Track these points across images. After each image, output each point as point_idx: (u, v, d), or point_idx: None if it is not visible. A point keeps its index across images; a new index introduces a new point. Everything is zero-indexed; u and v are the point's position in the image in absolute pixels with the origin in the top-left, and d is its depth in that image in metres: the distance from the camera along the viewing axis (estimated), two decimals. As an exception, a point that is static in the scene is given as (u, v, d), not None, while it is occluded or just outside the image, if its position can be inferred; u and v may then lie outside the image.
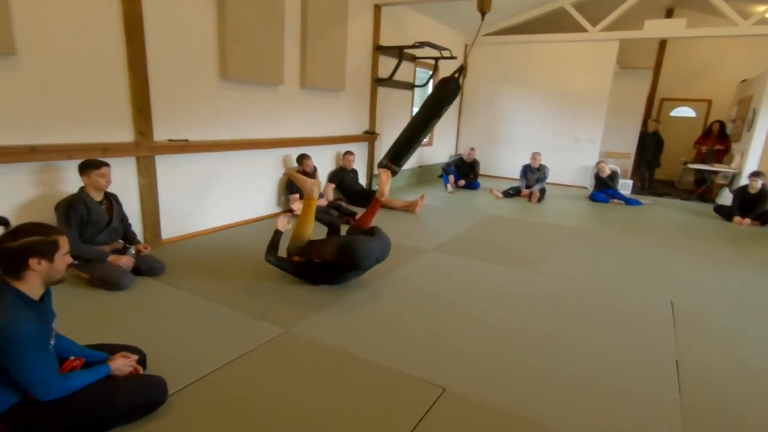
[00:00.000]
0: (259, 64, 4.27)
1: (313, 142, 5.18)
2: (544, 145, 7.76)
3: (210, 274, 3.19)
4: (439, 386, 2.02)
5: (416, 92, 7.39)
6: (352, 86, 5.72)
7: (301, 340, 2.37)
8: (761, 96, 6.55)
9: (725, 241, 4.81)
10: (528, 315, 2.77)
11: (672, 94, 9.39)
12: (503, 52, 8.12)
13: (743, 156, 6.78)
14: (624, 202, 6.51)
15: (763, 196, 5.48)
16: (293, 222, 3.22)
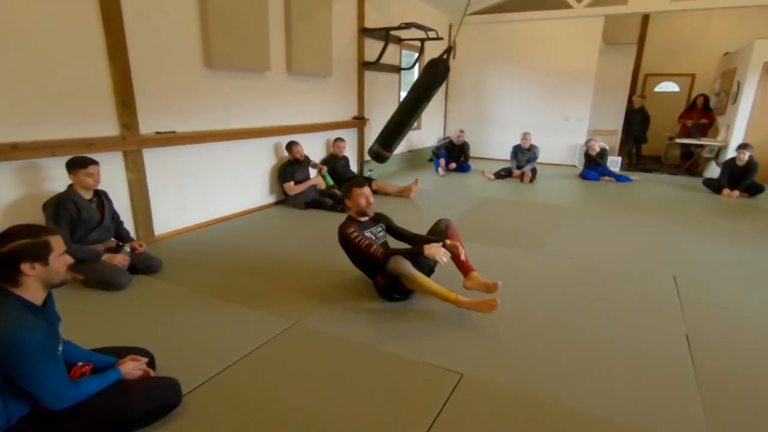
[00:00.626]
0: (244, 51, 4.13)
1: (302, 129, 5.06)
2: (533, 125, 7.75)
3: (209, 269, 3.10)
4: (456, 372, 2.00)
5: (403, 75, 7.28)
6: (339, 71, 5.59)
7: (312, 332, 2.32)
8: (745, 68, 6.61)
9: (717, 214, 4.88)
10: (536, 296, 2.75)
11: (656, 70, 9.44)
12: (488, 32, 8.03)
13: (729, 129, 6.86)
14: (614, 179, 6.55)
15: (751, 168, 5.56)
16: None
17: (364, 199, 2.70)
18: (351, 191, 2.71)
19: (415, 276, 2.41)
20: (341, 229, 2.66)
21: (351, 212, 2.77)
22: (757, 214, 4.87)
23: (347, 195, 2.75)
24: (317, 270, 3.12)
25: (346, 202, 2.78)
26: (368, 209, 2.72)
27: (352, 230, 2.60)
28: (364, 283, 2.90)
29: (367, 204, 2.71)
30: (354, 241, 2.58)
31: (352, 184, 2.75)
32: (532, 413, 1.76)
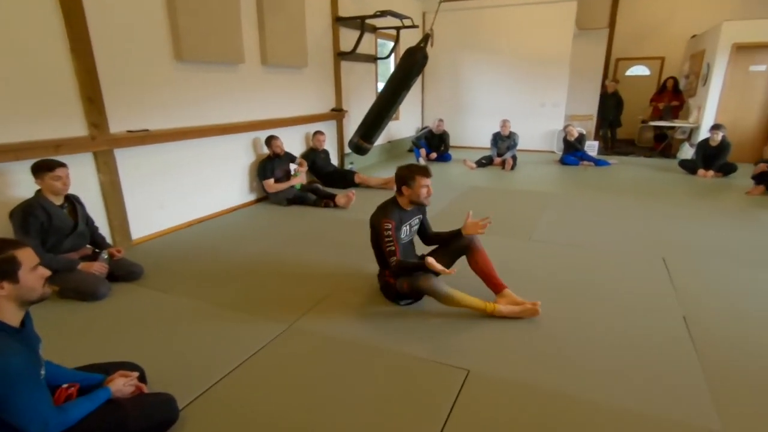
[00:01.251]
0: (216, 42, 3.95)
1: (280, 123, 4.91)
2: (510, 112, 7.77)
3: (193, 274, 2.96)
4: (462, 368, 1.95)
5: (379, 65, 7.15)
6: (314, 62, 5.44)
7: (308, 334, 2.23)
8: (714, 50, 6.76)
9: (694, 195, 4.98)
10: (532, 285, 2.72)
11: (626, 54, 9.56)
12: (462, 19, 7.96)
13: (700, 110, 7.02)
14: (593, 164, 6.63)
15: (724, 148, 5.70)
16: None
17: (426, 191, 2.39)
18: (414, 178, 2.35)
19: (451, 295, 2.30)
20: (380, 214, 2.40)
21: (401, 198, 2.45)
22: (732, 194, 4.99)
23: (406, 180, 2.37)
24: (306, 269, 3.01)
25: (402, 188, 2.40)
26: (426, 201, 2.44)
27: (388, 226, 2.33)
28: (357, 280, 2.83)
29: (428, 195, 2.42)
30: (383, 236, 2.35)
31: (418, 171, 2.37)
32: (543, 405, 1.73)
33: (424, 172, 2.39)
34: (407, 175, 2.39)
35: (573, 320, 2.34)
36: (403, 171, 2.43)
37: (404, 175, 2.41)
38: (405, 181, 2.40)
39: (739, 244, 3.42)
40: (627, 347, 2.10)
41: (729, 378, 1.88)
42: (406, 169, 2.43)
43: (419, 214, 2.61)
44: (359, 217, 4.14)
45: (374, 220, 2.44)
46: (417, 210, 2.58)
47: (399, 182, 2.43)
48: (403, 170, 2.43)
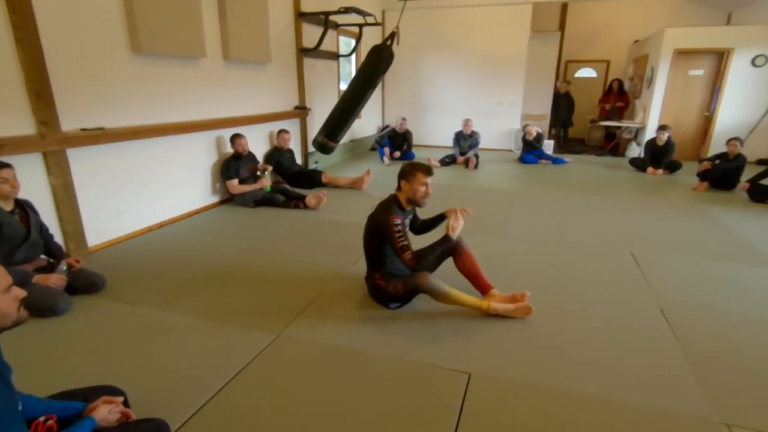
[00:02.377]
0: (176, 34, 3.71)
1: (243, 121, 4.70)
2: (470, 111, 7.89)
3: (162, 283, 2.76)
4: (463, 372, 1.92)
5: (341, 62, 7.04)
6: (277, 58, 5.26)
7: (300, 343, 2.13)
8: (657, 54, 7.19)
9: (647, 191, 5.27)
10: (515, 283, 2.74)
11: (575, 56, 10.02)
12: (423, 18, 7.99)
13: (645, 111, 7.45)
14: (551, 162, 6.87)
15: (670, 148, 6.07)
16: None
17: (425, 189, 2.34)
18: (415, 175, 2.31)
19: (448, 292, 2.27)
20: (385, 211, 2.32)
21: (400, 194, 2.40)
22: (680, 190, 5.32)
23: (407, 176, 2.33)
24: (286, 274, 2.89)
25: (401, 183, 2.36)
26: (423, 201, 2.40)
27: (398, 222, 2.28)
28: (342, 283, 2.74)
29: (425, 195, 2.37)
30: (393, 232, 2.27)
31: (421, 168, 2.33)
32: (547, 403, 1.73)
33: (425, 170, 2.35)
34: (408, 171, 2.36)
35: (561, 317, 2.38)
36: (407, 167, 2.40)
37: (406, 170, 2.37)
38: (405, 175, 2.37)
39: (695, 237, 3.64)
40: (614, 341, 2.16)
41: (712, 365, 1.97)
42: (410, 165, 2.40)
43: (412, 213, 2.57)
44: (332, 218, 4.05)
45: (380, 218, 2.35)
46: (412, 210, 2.54)
47: (400, 177, 2.40)
48: (407, 166, 2.40)
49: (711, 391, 1.81)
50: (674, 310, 2.46)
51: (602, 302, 2.56)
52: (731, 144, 5.18)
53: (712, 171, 5.20)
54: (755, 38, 6.62)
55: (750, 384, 1.85)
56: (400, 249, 2.29)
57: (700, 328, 2.27)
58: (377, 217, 2.37)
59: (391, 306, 2.44)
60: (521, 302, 2.37)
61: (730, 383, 1.86)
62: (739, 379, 1.89)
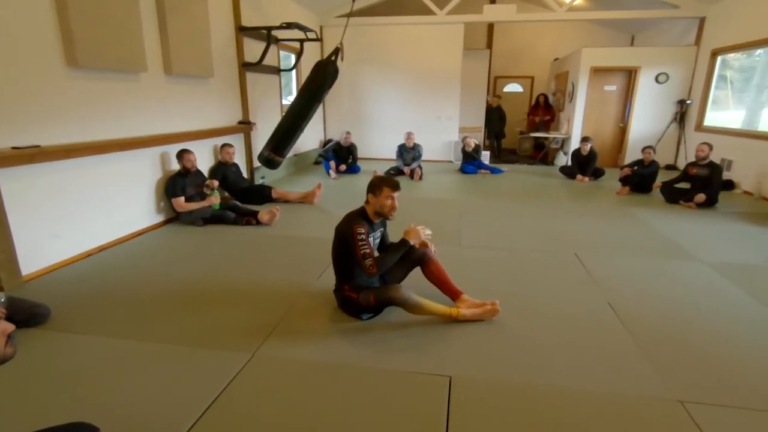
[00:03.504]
0: (116, 47, 3.53)
1: (187, 137, 4.52)
2: (410, 124, 8.14)
3: (112, 309, 2.58)
4: (444, 375, 1.99)
5: (282, 77, 6.99)
6: (220, 72, 5.13)
7: (278, 360, 2.09)
8: (577, 71, 7.87)
9: (577, 197, 5.72)
10: (479, 288, 2.86)
11: (503, 72, 10.68)
12: (362, 34, 8.15)
13: (569, 122, 8.10)
14: (490, 171, 7.24)
15: (593, 157, 6.64)
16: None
17: (391, 202, 2.40)
18: (382, 189, 2.37)
19: (420, 303, 2.34)
20: (351, 221, 2.37)
21: (368, 206, 2.45)
22: (606, 194, 5.84)
23: (373, 189, 2.39)
24: (249, 293, 2.82)
25: (368, 196, 2.42)
26: (390, 214, 2.44)
27: (362, 231, 2.33)
28: (309, 298, 2.73)
29: (392, 209, 2.42)
30: (357, 241, 2.31)
31: (388, 182, 2.39)
32: (524, 398, 1.84)
33: (392, 184, 2.42)
34: (376, 185, 2.41)
35: (524, 315, 2.53)
36: (375, 180, 2.45)
37: (374, 183, 2.43)
38: (372, 189, 2.42)
39: (626, 237, 4.01)
40: (573, 335, 2.34)
41: (660, 349, 2.20)
42: (378, 179, 2.46)
43: (382, 227, 2.62)
44: (287, 234, 4.01)
45: (343, 228, 2.39)
46: (381, 224, 2.59)
47: (368, 190, 2.45)
48: (375, 179, 2.46)
49: (662, 372, 2.02)
50: (619, 303, 2.71)
51: (557, 299, 2.76)
52: (646, 152, 5.78)
53: (632, 176, 5.76)
54: (657, 58, 7.46)
55: (695, 363, 2.09)
56: (361, 257, 2.33)
57: (644, 317, 2.52)
58: (342, 228, 2.41)
59: (363, 317, 2.47)
60: (488, 305, 2.49)
61: (677, 364, 2.09)
62: (684, 359, 2.12)
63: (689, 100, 7.34)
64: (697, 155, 5.11)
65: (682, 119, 7.44)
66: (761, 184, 5.53)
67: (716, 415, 1.75)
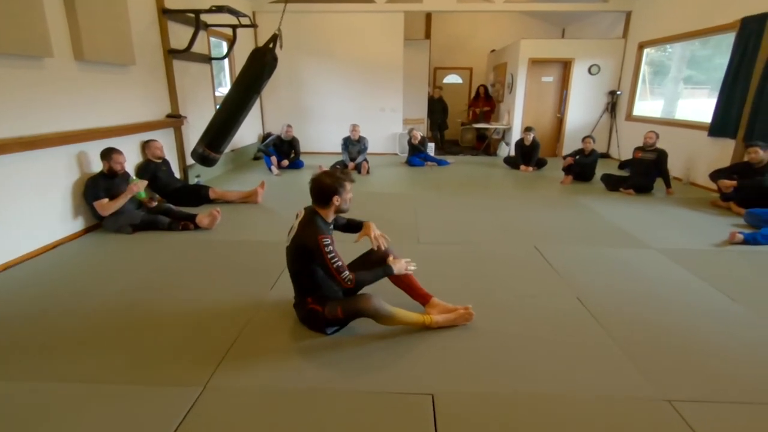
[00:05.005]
0: (10, 27, 2.97)
1: (108, 133, 3.98)
2: (354, 117, 7.88)
3: (24, 345, 2.14)
4: (426, 394, 1.81)
5: (214, 66, 6.45)
6: (142, 60, 4.58)
7: (235, 391, 1.80)
8: (516, 63, 7.99)
9: (523, 187, 5.79)
10: (443, 288, 2.70)
11: (442, 64, 10.68)
12: (299, 22, 7.74)
13: (510, 114, 8.22)
14: (436, 164, 7.17)
15: (535, 147, 6.76)
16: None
17: (351, 195, 2.25)
18: (345, 187, 2.18)
19: (393, 313, 2.14)
20: (310, 231, 2.09)
21: (324, 210, 2.20)
22: (550, 184, 5.95)
23: (337, 190, 2.16)
24: (192, 311, 2.47)
25: (333, 198, 2.17)
26: (348, 207, 2.27)
27: (328, 241, 2.07)
28: (265, 313, 2.44)
29: (349, 202, 2.26)
30: (325, 254, 2.05)
31: (344, 177, 2.19)
32: (511, 410, 1.71)
33: (350, 178, 2.23)
34: (336, 184, 2.17)
35: (495, 316, 2.41)
36: (329, 179, 2.18)
37: (332, 184, 2.16)
38: (336, 190, 2.17)
39: (578, 226, 4.05)
40: (547, 334, 2.24)
41: (638, 345, 2.15)
42: (329, 176, 2.19)
43: (334, 220, 2.38)
44: (230, 239, 3.65)
45: (306, 240, 2.11)
46: (334, 218, 2.35)
47: (328, 193, 2.17)
48: (327, 179, 2.18)
49: (645, 371, 1.96)
50: (587, 297, 2.66)
51: (525, 296, 2.67)
52: (586, 141, 5.95)
53: (574, 165, 5.91)
54: (589, 50, 7.74)
55: (674, 359, 2.05)
56: (336, 270, 2.09)
57: (614, 312, 2.48)
58: (302, 240, 2.13)
59: (327, 331, 2.23)
60: (461, 310, 2.34)
61: (657, 361, 2.04)
62: (664, 355, 2.08)
63: (619, 91, 7.70)
64: (646, 141, 5.32)
65: (613, 109, 7.80)
66: (689, 170, 5.89)
67: (706, 412, 1.71)
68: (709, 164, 5.44)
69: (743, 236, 3.56)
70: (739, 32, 5.02)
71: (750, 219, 4.05)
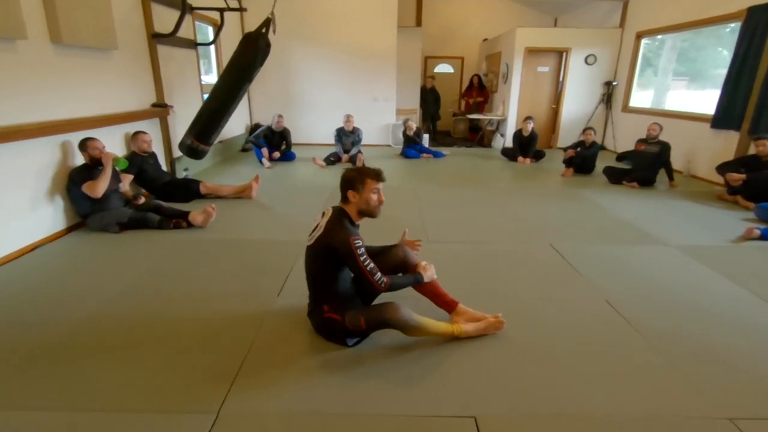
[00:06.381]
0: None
1: (90, 123, 3.67)
2: (345, 106, 7.61)
3: (12, 360, 1.89)
4: (468, 417, 1.63)
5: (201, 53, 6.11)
6: (125, 44, 4.25)
7: (252, 419, 1.59)
8: (511, 52, 7.81)
9: (524, 180, 5.64)
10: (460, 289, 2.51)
11: (434, 53, 10.44)
12: (287, 7, 7.36)
13: (505, 104, 8.06)
14: (432, 156, 6.98)
15: (534, 138, 6.63)
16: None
17: (378, 197, 1.98)
18: (365, 183, 1.94)
19: (422, 324, 1.96)
20: (340, 232, 1.89)
21: (348, 207, 1.99)
22: (551, 176, 5.82)
23: (353, 183, 1.94)
24: (193, 322, 2.23)
25: (348, 193, 1.96)
26: (377, 211, 2.02)
27: (360, 243, 1.88)
28: (276, 322, 2.22)
29: (379, 204, 2.00)
30: (357, 257, 1.85)
31: (368, 173, 1.96)
32: (564, 430, 1.55)
33: (375, 175, 1.98)
34: (355, 178, 1.96)
35: (525, 324, 2.24)
36: (351, 173, 1.99)
37: (352, 177, 1.97)
38: (352, 184, 1.96)
39: (588, 222, 3.91)
40: (587, 346, 2.08)
41: (682, 357, 2.00)
42: (355, 171, 2.00)
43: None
44: (228, 237, 3.40)
45: (335, 241, 1.89)
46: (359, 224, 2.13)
47: (346, 186, 1.98)
48: (351, 172, 2.00)
49: (695, 384, 1.81)
50: (617, 300, 2.51)
51: (553, 300, 2.51)
52: (587, 133, 5.83)
53: (575, 158, 5.79)
54: (586, 40, 7.61)
55: (724, 370, 1.91)
56: (370, 273, 1.89)
57: (649, 318, 2.32)
58: (330, 240, 1.92)
59: (348, 343, 2.03)
60: (491, 318, 2.16)
61: (707, 373, 1.89)
62: (713, 367, 1.93)
63: (615, 82, 7.60)
64: (649, 134, 5.21)
65: (609, 100, 7.71)
66: (690, 162, 5.83)
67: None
68: (712, 157, 5.38)
69: (760, 232, 3.47)
70: (745, 22, 4.93)
71: (761, 213, 3.98)
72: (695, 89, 6.80)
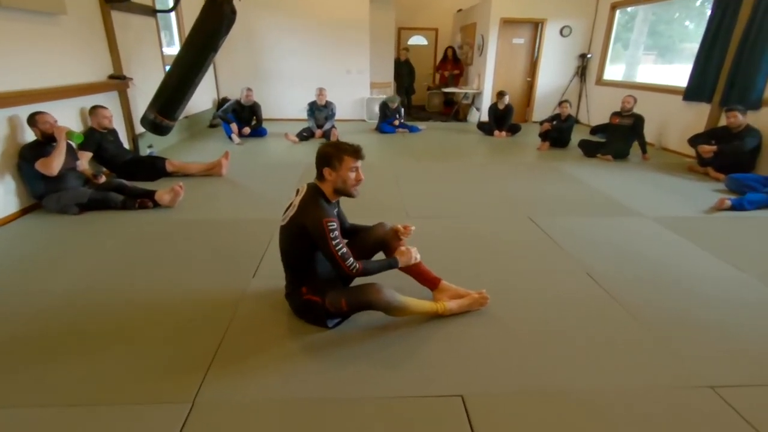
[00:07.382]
0: None
1: (40, 96, 3.39)
2: (317, 79, 7.34)
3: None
4: (455, 395, 1.58)
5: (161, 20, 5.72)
6: (74, 8, 3.91)
7: (229, 408, 1.50)
8: (486, 23, 7.66)
9: (501, 153, 5.61)
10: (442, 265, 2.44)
11: (407, 24, 10.18)
12: (253, -27, 7.02)
13: (480, 77, 7.95)
14: (408, 130, 6.85)
15: (509, 111, 6.58)
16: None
17: (355, 175, 1.85)
18: (341, 159, 1.81)
19: (405, 304, 1.89)
20: (314, 211, 1.78)
21: (324, 185, 1.87)
22: (527, 150, 5.80)
23: (329, 160, 1.81)
24: (163, 307, 2.10)
25: (324, 170, 1.83)
26: (355, 190, 1.90)
27: (333, 225, 1.77)
28: (251, 304, 2.11)
29: (357, 182, 1.88)
30: (329, 240, 1.75)
31: (346, 149, 1.83)
32: (550, 409, 1.51)
33: (354, 152, 1.84)
34: (332, 154, 1.83)
35: (508, 299, 2.20)
36: (328, 149, 1.85)
37: (329, 153, 1.83)
38: (329, 160, 1.82)
39: (566, 195, 3.91)
40: (571, 320, 2.06)
41: (662, 327, 2.01)
42: (332, 146, 1.86)
43: (337, 206, 2.05)
44: (197, 217, 3.24)
45: (307, 220, 1.79)
46: (337, 203, 2.02)
47: (321, 162, 1.85)
48: (327, 148, 1.86)
49: (680, 356, 1.82)
50: (598, 272, 2.50)
51: (535, 274, 2.49)
52: (563, 106, 5.81)
53: (551, 131, 5.77)
54: (562, 11, 7.51)
55: (709, 341, 1.92)
56: (341, 258, 1.79)
57: (630, 290, 2.32)
58: (303, 219, 1.80)
59: (329, 324, 1.94)
60: (475, 294, 2.11)
61: (694, 345, 1.89)
62: (700, 339, 1.93)
63: (590, 54, 7.58)
64: (623, 106, 5.22)
65: (583, 73, 7.70)
66: (662, 135, 5.90)
67: (751, 397, 1.59)
68: (683, 129, 5.46)
69: (731, 202, 3.53)
70: (718, -7, 4.94)
71: (731, 184, 4.06)
72: (663, 63, 6.86)
